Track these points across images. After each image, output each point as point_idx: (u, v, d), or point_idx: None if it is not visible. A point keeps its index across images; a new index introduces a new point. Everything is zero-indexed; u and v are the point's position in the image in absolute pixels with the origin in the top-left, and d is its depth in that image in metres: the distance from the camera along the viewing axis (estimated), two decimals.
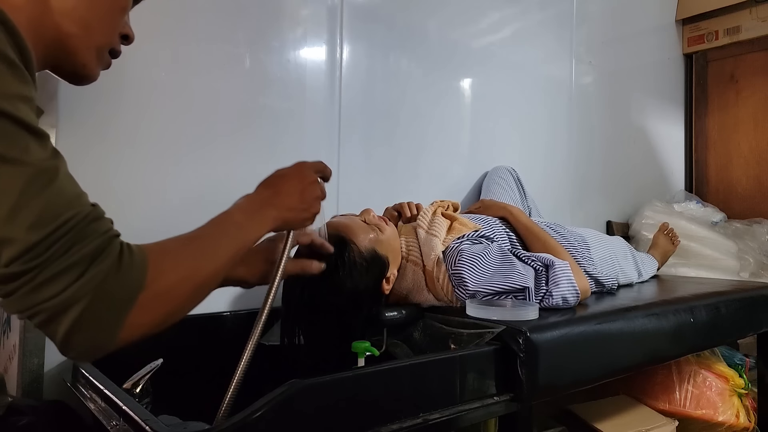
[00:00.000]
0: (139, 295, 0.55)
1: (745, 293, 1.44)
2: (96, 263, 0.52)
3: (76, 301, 0.51)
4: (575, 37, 2.12)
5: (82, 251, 0.51)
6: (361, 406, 0.72)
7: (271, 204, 0.76)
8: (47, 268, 0.50)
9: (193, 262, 0.62)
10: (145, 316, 0.56)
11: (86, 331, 0.52)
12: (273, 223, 0.74)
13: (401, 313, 1.06)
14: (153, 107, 1.19)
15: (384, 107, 1.58)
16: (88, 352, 0.55)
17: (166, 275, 0.58)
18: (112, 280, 0.53)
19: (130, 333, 0.55)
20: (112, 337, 0.54)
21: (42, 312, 0.51)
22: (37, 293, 0.50)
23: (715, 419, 1.45)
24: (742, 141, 2.50)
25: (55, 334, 0.52)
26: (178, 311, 0.60)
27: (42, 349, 1.05)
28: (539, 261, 1.07)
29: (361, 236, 1.04)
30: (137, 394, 0.84)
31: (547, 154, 2.04)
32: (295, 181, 0.80)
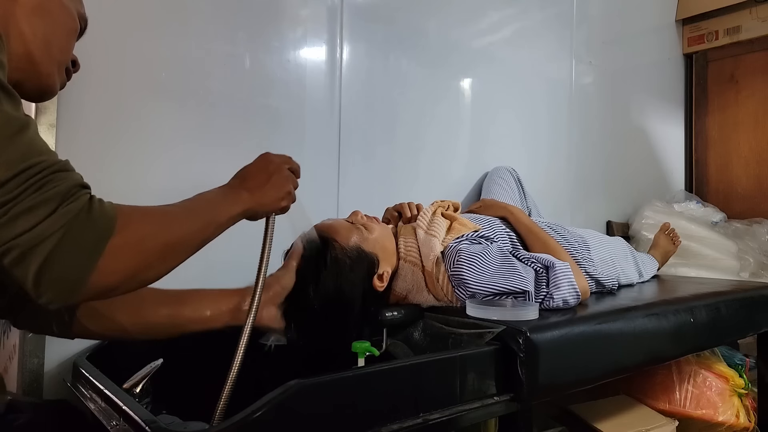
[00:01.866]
0: (109, 240, 0.56)
1: (745, 293, 1.44)
2: (66, 203, 0.54)
3: (48, 236, 0.52)
4: (575, 37, 2.12)
5: (53, 190, 0.53)
6: (361, 406, 0.72)
7: (242, 187, 0.78)
8: (19, 204, 0.52)
9: (162, 222, 0.64)
10: (115, 263, 0.56)
11: (58, 268, 0.53)
12: (246, 202, 0.75)
13: (401, 313, 1.06)
14: (153, 107, 1.19)
15: (384, 107, 1.58)
16: (60, 293, 0.55)
17: (134, 227, 0.59)
18: (83, 220, 0.54)
19: (101, 280, 0.56)
20: (82, 279, 0.55)
21: (15, 248, 0.52)
22: (9, 228, 0.51)
23: (715, 419, 1.45)
24: (742, 141, 2.50)
25: (27, 272, 0.53)
26: (148, 267, 0.61)
27: (42, 349, 1.05)
28: (539, 262, 1.07)
29: (344, 235, 1.05)
30: (137, 394, 0.84)
31: (547, 154, 2.04)
32: (261, 168, 0.82)
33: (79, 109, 1.09)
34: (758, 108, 2.45)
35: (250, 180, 0.79)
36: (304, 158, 1.40)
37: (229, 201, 0.74)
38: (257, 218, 0.81)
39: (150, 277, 0.63)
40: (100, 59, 1.10)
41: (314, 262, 1.00)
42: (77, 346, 1.05)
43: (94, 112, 1.11)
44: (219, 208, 0.72)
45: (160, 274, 0.63)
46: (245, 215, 0.76)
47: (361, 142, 1.53)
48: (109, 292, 0.59)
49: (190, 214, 0.69)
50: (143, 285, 0.63)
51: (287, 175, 0.83)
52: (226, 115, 1.29)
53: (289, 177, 0.84)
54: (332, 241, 1.03)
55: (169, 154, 1.21)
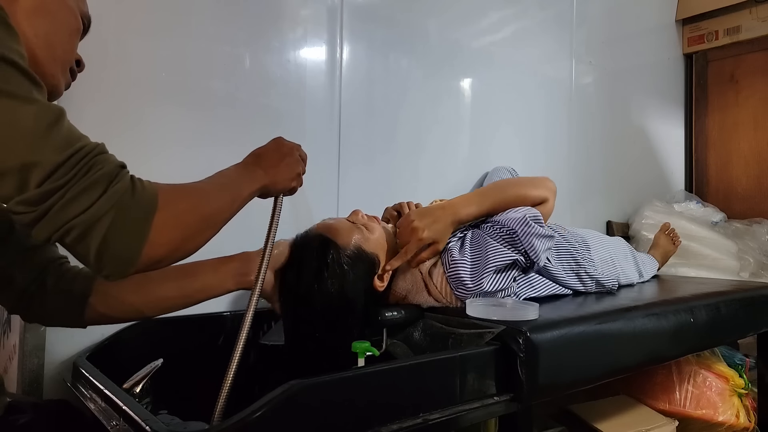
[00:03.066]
0: (154, 215, 0.61)
1: (745, 293, 1.44)
2: (113, 184, 0.58)
3: (104, 214, 0.57)
4: (575, 37, 2.12)
5: (99, 172, 0.58)
6: (361, 406, 0.72)
7: (256, 165, 0.82)
8: (74, 185, 0.56)
9: (198, 197, 0.69)
10: (162, 236, 0.61)
11: (115, 245, 0.58)
12: (261, 180, 0.80)
13: (401, 313, 1.05)
14: (153, 107, 1.19)
15: (384, 107, 1.58)
16: (119, 266, 0.60)
17: (175, 202, 0.64)
18: (129, 199, 0.59)
19: (152, 252, 0.61)
20: (137, 253, 0.60)
21: (75, 227, 0.56)
22: (68, 209, 0.55)
23: (715, 419, 1.45)
24: (742, 141, 2.50)
25: (88, 249, 0.57)
26: (190, 238, 0.66)
27: (42, 349, 1.05)
28: (503, 227, 1.07)
29: (344, 235, 1.04)
30: (137, 394, 0.84)
31: (547, 154, 2.04)
32: (274, 149, 0.86)
33: (79, 109, 1.09)
34: (758, 108, 2.45)
35: (264, 160, 0.83)
36: None
37: (247, 178, 0.79)
38: (268, 196, 0.85)
39: (192, 248, 0.67)
40: (100, 59, 1.09)
41: (315, 264, 0.99)
42: (77, 346, 1.05)
43: (94, 111, 1.11)
44: (240, 185, 0.77)
45: (199, 244, 0.68)
46: (260, 192, 0.80)
47: (361, 142, 1.53)
48: (159, 263, 0.63)
49: (219, 190, 0.73)
50: (187, 255, 0.67)
51: (297, 158, 0.88)
52: (226, 115, 1.29)
53: (299, 161, 0.89)
54: (332, 242, 1.03)
55: (169, 154, 1.21)
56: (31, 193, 0.54)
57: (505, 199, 1.16)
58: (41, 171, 0.54)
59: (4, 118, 0.54)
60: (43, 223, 0.56)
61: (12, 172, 0.54)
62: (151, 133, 1.19)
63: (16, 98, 0.55)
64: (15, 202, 0.55)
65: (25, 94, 0.56)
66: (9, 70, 0.55)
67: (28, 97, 0.56)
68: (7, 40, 0.56)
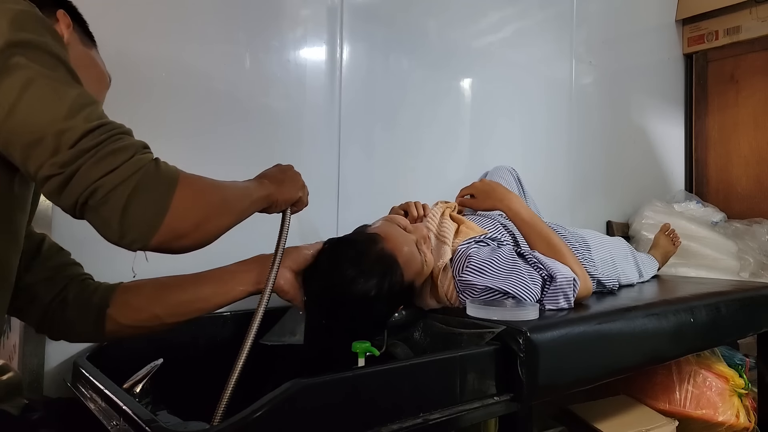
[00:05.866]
0: (176, 187, 0.64)
1: (745, 293, 1.44)
2: (141, 152, 0.63)
3: (129, 176, 0.60)
4: (575, 37, 2.12)
5: (126, 143, 0.63)
6: (361, 406, 0.72)
7: (262, 177, 0.88)
8: (105, 147, 0.60)
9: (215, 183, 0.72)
10: (184, 208, 0.64)
11: (140, 205, 0.61)
12: (268, 187, 0.84)
13: (402, 313, 1.05)
14: (153, 107, 1.19)
15: (384, 107, 1.58)
16: (142, 230, 0.61)
17: (195, 181, 0.68)
18: (153, 168, 0.63)
19: (174, 223, 0.63)
20: (160, 217, 0.62)
21: (101, 187, 0.59)
22: (96, 168, 0.59)
23: (715, 419, 1.45)
24: (742, 141, 2.50)
25: (112, 210, 0.60)
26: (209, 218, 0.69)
27: (42, 349, 1.05)
28: (545, 269, 1.05)
29: (410, 264, 0.98)
30: (137, 394, 0.84)
31: (547, 154, 2.04)
32: (278, 170, 0.92)
33: None
34: (758, 108, 2.45)
35: (269, 176, 0.88)
36: (304, 158, 1.41)
37: (256, 184, 0.83)
38: (276, 208, 0.88)
39: (212, 230, 0.69)
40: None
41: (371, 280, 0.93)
42: (77, 346, 1.05)
43: None
44: (250, 188, 0.81)
45: (219, 228, 0.70)
46: (268, 200, 0.84)
47: (361, 142, 1.53)
48: (181, 239, 0.65)
49: (232, 185, 0.77)
50: (208, 238, 0.69)
51: (298, 174, 0.94)
52: (226, 115, 1.29)
53: (301, 181, 0.93)
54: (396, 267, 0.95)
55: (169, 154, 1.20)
56: (63, 154, 0.59)
57: (549, 243, 1.14)
58: (73, 134, 0.59)
59: (51, 94, 0.61)
60: (72, 184, 0.59)
61: (48, 138, 0.59)
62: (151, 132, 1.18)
63: (60, 82, 0.62)
64: (48, 164, 0.59)
65: (68, 81, 0.64)
66: (59, 65, 0.63)
67: (71, 84, 0.64)
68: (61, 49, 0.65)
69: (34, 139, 0.59)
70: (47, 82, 0.61)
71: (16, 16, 0.62)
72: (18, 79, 0.60)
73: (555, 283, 1.03)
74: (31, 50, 0.62)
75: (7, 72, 0.60)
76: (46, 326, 0.87)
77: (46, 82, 0.61)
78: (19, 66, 0.60)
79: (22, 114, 0.59)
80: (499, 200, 1.24)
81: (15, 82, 0.60)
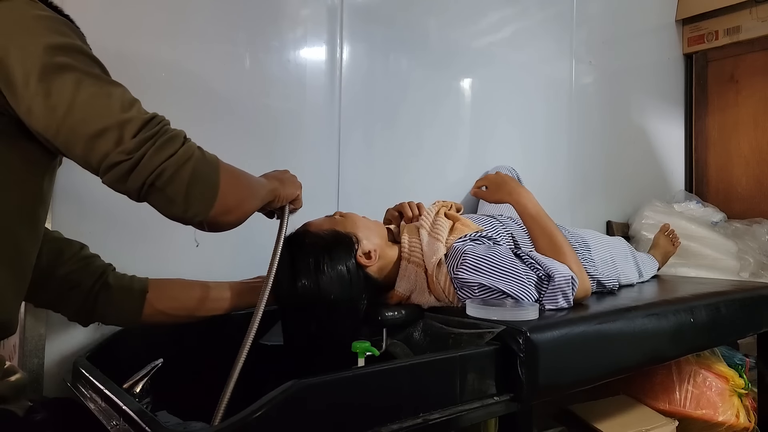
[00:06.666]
0: (220, 168, 0.74)
1: (745, 293, 1.44)
2: (187, 140, 0.72)
3: (189, 158, 0.70)
4: (575, 37, 2.12)
5: (176, 132, 0.72)
6: (361, 406, 0.72)
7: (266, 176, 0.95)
8: (163, 135, 0.69)
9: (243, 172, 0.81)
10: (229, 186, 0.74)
11: (200, 182, 0.71)
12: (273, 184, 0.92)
13: (401, 313, 1.06)
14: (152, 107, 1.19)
15: (384, 107, 1.58)
16: (203, 204, 0.71)
17: (229, 167, 0.77)
18: (201, 152, 0.73)
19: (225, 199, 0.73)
20: (215, 192, 0.72)
21: (168, 168, 0.68)
22: (160, 153, 0.68)
23: (715, 419, 1.45)
24: (742, 141, 2.50)
25: (179, 188, 0.69)
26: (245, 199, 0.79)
27: (42, 349, 1.05)
28: (543, 269, 1.05)
29: (316, 224, 1.09)
30: (137, 394, 0.84)
31: (547, 154, 2.04)
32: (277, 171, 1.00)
33: None
34: (758, 108, 2.45)
35: (272, 176, 0.96)
36: (304, 158, 1.41)
37: (263, 180, 0.91)
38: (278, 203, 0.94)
39: (248, 209, 0.80)
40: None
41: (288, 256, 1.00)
42: (77, 346, 1.05)
43: None
44: (261, 180, 0.89)
45: (250, 208, 0.81)
46: (274, 194, 0.91)
47: (361, 142, 1.53)
48: (228, 212, 0.75)
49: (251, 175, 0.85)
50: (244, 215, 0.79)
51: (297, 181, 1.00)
52: (226, 115, 1.29)
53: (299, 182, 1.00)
54: (307, 231, 1.07)
55: None
56: (128, 143, 0.66)
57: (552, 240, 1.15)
58: (135, 125, 0.67)
59: (101, 92, 0.68)
60: (139, 168, 0.66)
61: (112, 128, 0.66)
62: None
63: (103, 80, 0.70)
64: (116, 152, 0.66)
65: (109, 80, 0.71)
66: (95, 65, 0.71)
67: (111, 81, 0.71)
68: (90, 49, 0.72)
69: (97, 131, 0.66)
70: (93, 81, 0.68)
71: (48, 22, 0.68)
72: (69, 79, 0.66)
73: (553, 282, 1.03)
74: (71, 52, 0.67)
75: (56, 72, 0.65)
76: (85, 311, 0.93)
77: (92, 80, 0.67)
78: (67, 66, 0.66)
79: (81, 110, 0.66)
80: (508, 193, 1.24)
81: (67, 81, 0.65)
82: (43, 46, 0.65)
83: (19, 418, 0.76)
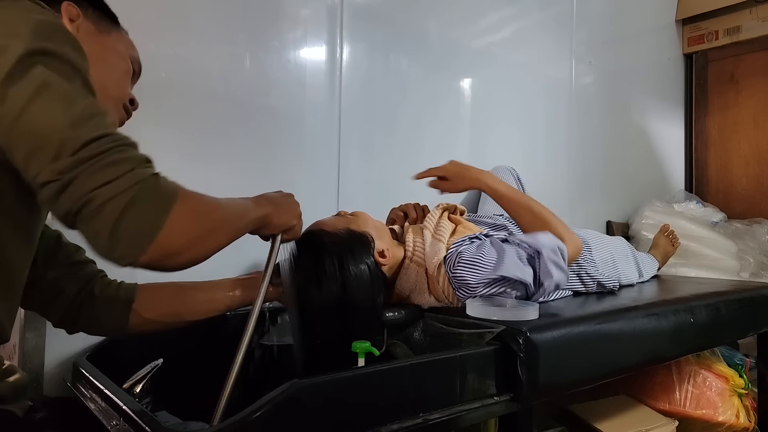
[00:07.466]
0: (174, 203, 0.63)
1: (745, 293, 1.44)
2: (140, 167, 0.62)
3: (126, 189, 0.59)
4: (575, 37, 2.12)
5: (132, 155, 0.62)
6: (361, 405, 0.72)
7: (262, 197, 0.88)
8: (105, 158, 0.59)
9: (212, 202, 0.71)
10: (180, 225, 0.63)
11: (132, 221, 0.59)
12: (266, 208, 0.84)
13: (401, 313, 1.06)
14: (152, 107, 1.19)
15: (384, 107, 1.58)
16: (132, 246, 0.60)
17: (194, 198, 0.67)
18: (152, 182, 0.62)
19: (167, 240, 0.62)
20: (152, 234, 0.61)
21: (96, 198, 0.58)
22: (93, 178, 0.58)
23: (715, 419, 1.45)
24: (742, 141, 2.50)
25: (104, 222, 0.59)
26: (204, 237, 0.68)
27: (42, 349, 1.05)
28: (530, 247, 1.05)
29: (330, 224, 1.07)
30: (137, 394, 0.84)
31: (547, 154, 2.04)
32: (278, 194, 0.92)
33: None
34: (758, 108, 2.45)
35: (269, 198, 0.88)
36: (304, 158, 1.41)
37: (255, 204, 0.83)
38: (269, 230, 0.87)
39: (205, 250, 0.69)
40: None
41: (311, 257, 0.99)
42: (77, 346, 1.05)
43: None
44: (248, 206, 0.81)
45: (211, 248, 0.70)
46: (264, 221, 0.84)
47: (362, 142, 1.53)
48: (173, 257, 0.64)
49: (230, 203, 0.76)
50: (200, 256, 0.68)
51: (298, 209, 0.93)
52: (226, 115, 1.29)
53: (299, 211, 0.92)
54: (321, 231, 1.04)
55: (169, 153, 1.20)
56: (63, 161, 0.58)
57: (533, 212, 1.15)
58: (76, 142, 0.59)
59: (59, 104, 0.61)
60: (68, 192, 0.58)
61: (52, 144, 0.59)
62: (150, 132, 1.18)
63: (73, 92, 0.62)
64: (48, 170, 0.58)
65: (82, 92, 0.64)
66: (76, 76, 0.64)
67: (84, 94, 0.64)
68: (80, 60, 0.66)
69: (37, 145, 0.59)
70: (60, 91, 0.61)
71: (38, 25, 0.63)
72: (31, 85, 0.60)
73: (542, 257, 1.03)
74: (49, 59, 0.62)
75: (21, 78, 0.60)
76: (68, 320, 0.90)
77: (59, 90, 0.61)
78: (35, 73, 0.61)
79: (30, 119, 0.59)
80: (475, 179, 1.24)
81: (28, 88, 0.60)
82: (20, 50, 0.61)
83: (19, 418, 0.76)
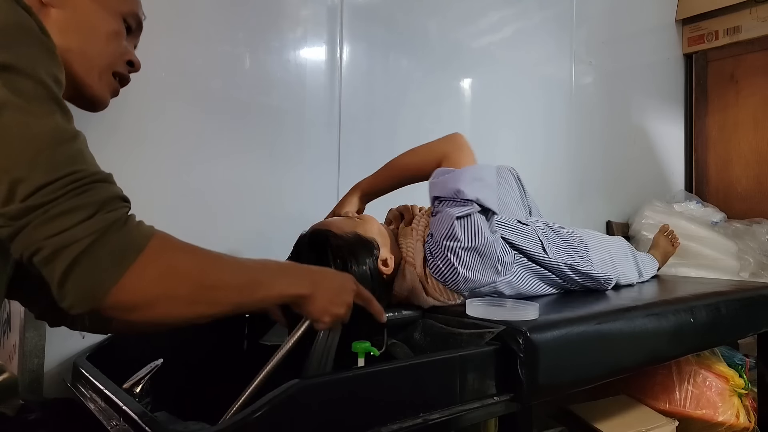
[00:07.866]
0: (137, 256, 0.56)
1: (745, 293, 1.44)
2: (104, 212, 0.55)
3: (79, 239, 0.53)
4: (575, 37, 2.12)
5: (93, 198, 0.55)
6: (361, 406, 0.72)
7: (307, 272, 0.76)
8: (58, 206, 0.53)
9: (200, 261, 0.62)
10: (139, 282, 0.56)
11: (83, 273, 0.54)
12: (306, 289, 0.73)
13: (401, 313, 1.06)
14: (153, 107, 1.19)
15: (384, 107, 1.58)
16: (81, 298, 0.55)
17: (168, 253, 0.59)
18: (116, 230, 0.55)
19: (122, 295, 0.55)
20: (104, 289, 0.55)
21: (46, 247, 0.53)
22: (45, 227, 0.53)
23: (715, 419, 1.45)
24: (742, 141, 2.50)
25: (54, 271, 0.54)
26: (171, 299, 0.59)
27: (42, 349, 1.05)
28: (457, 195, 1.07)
29: (338, 225, 1.06)
30: (137, 394, 0.84)
31: (547, 154, 2.04)
32: (339, 278, 0.80)
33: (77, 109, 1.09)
34: (758, 108, 2.45)
35: (315, 273, 0.77)
36: (304, 158, 1.41)
37: (292, 276, 0.72)
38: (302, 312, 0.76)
39: (172, 314, 0.60)
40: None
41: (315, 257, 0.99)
42: (77, 346, 1.05)
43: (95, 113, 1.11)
44: (276, 277, 0.70)
45: (181, 315, 0.61)
46: (296, 301, 0.73)
47: (362, 142, 1.53)
48: (127, 311, 0.57)
49: (239, 267, 0.66)
50: (161, 319, 0.60)
51: (349, 302, 0.81)
52: (226, 115, 1.29)
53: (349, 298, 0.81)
54: (329, 232, 1.03)
55: (169, 153, 1.21)
56: (14, 206, 0.53)
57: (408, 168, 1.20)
58: (28, 186, 0.53)
59: (16, 133, 0.54)
60: (19, 239, 0.54)
61: (3, 185, 0.53)
62: (150, 132, 1.19)
63: (33, 116, 0.55)
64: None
65: (44, 113, 0.56)
66: (37, 90, 0.56)
67: (46, 118, 0.56)
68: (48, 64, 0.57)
69: None
70: (19, 117, 0.54)
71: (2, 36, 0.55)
72: None
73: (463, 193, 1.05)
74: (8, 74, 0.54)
75: None
76: (49, 312, 0.86)
77: (17, 116, 0.54)
78: None
79: None
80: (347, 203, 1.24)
81: None
82: None
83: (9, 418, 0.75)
